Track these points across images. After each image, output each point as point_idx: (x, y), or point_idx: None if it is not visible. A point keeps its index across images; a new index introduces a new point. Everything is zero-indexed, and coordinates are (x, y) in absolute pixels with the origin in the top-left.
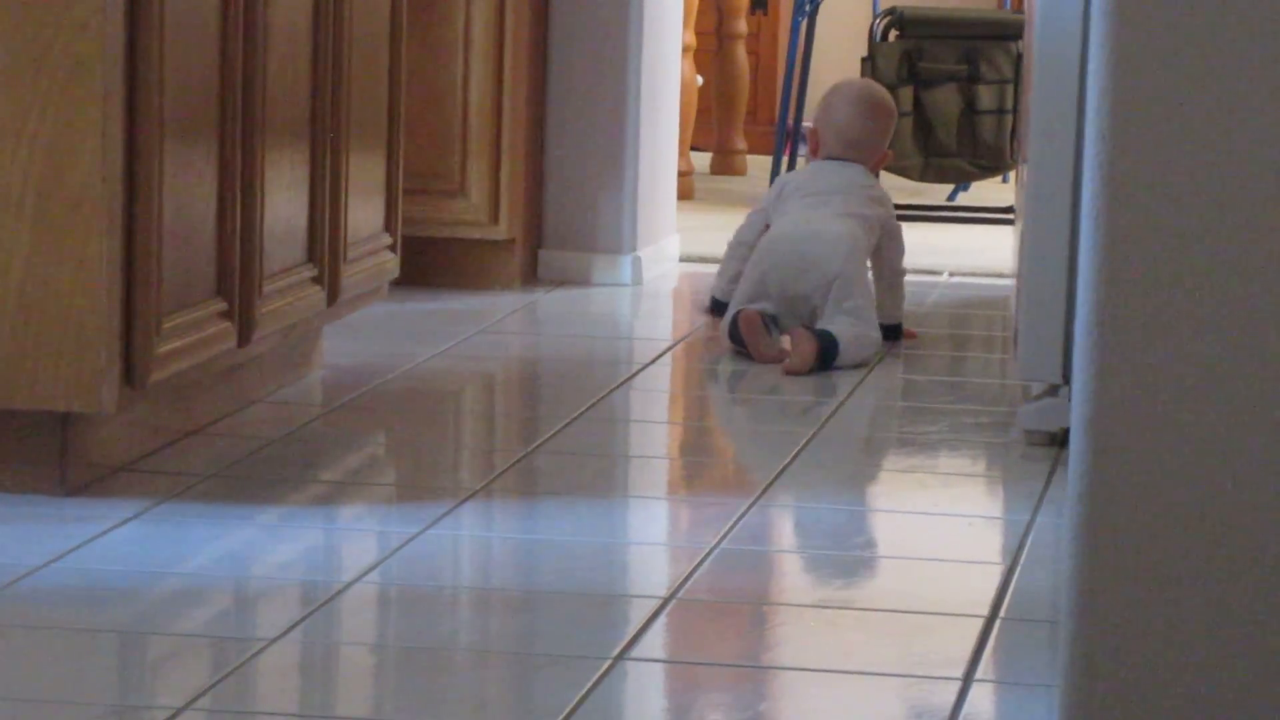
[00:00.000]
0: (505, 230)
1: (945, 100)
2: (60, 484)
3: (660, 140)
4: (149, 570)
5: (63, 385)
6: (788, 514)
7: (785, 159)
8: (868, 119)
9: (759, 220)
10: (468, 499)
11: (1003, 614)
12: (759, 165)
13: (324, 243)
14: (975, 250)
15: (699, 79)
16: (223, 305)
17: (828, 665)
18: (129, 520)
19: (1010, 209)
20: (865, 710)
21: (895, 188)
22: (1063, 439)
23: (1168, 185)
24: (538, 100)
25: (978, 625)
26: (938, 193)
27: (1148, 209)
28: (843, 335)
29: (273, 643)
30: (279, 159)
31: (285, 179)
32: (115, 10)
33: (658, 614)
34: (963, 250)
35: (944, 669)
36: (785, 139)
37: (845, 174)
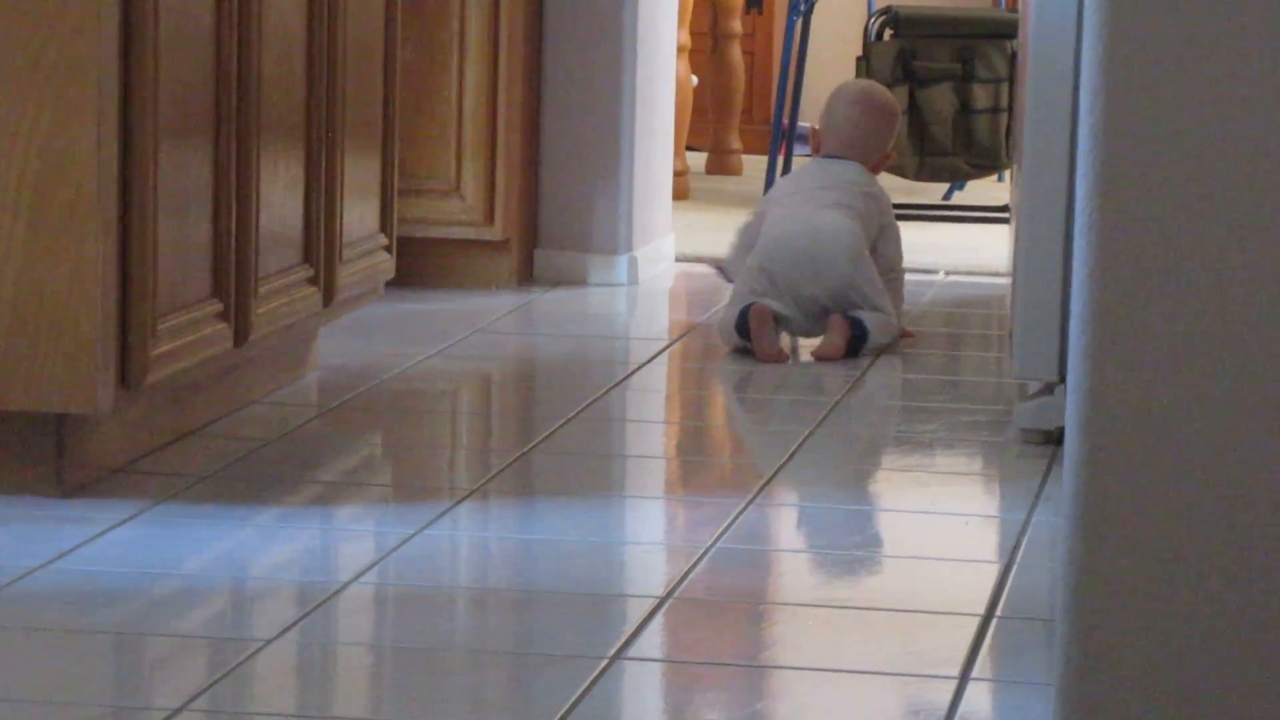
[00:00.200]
0: (501, 230)
1: (940, 99)
2: (57, 485)
3: (655, 140)
4: (146, 571)
5: (59, 386)
6: (784, 513)
7: (781, 158)
8: (865, 118)
9: (756, 219)
10: (464, 499)
11: (999, 612)
12: (754, 165)
13: (319, 243)
14: (971, 249)
15: (694, 79)
16: (218, 306)
17: (824, 664)
18: (125, 521)
19: (1005, 208)
20: (862, 709)
21: (891, 187)
22: (1059, 437)
23: (1161, 183)
24: (532, 100)
25: (974, 624)
26: (933, 191)
27: (1141, 207)
28: (871, 322)
29: (269, 643)
30: (274, 160)
31: (280, 180)
32: (110, 13)
33: (654, 613)
34: (958, 249)
35: (940, 667)
36: (781, 138)
37: (841, 171)
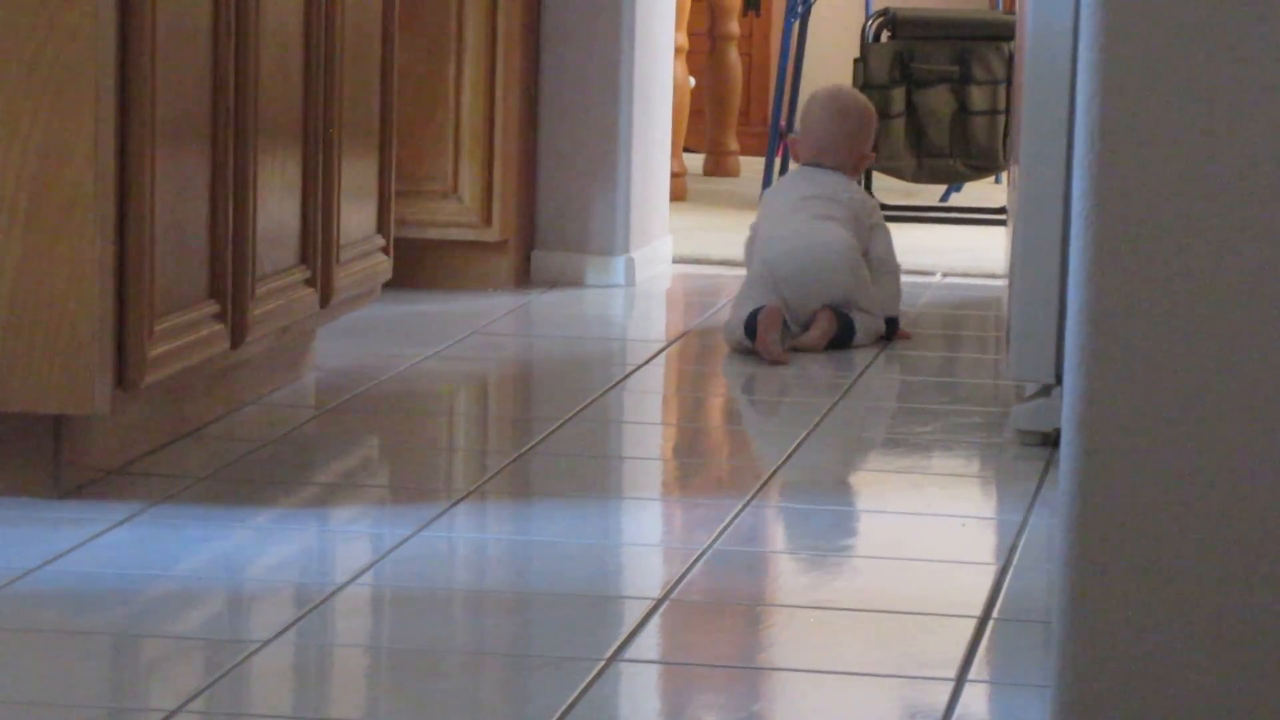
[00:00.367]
0: (498, 232)
1: (938, 101)
2: (54, 486)
3: (653, 141)
4: (143, 572)
5: (56, 388)
6: (781, 515)
7: (778, 160)
8: (835, 122)
9: (754, 236)
10: (461, 500)
11: (996, 614)
12: (752, 167)
13: (317, 245)
14: (968, 251)
15: (691, 80)
16: (215, 307)
17: (821, 666)
18: (123, 522)
19: (1003, 210)
20: (859, 710)
21: (888, 188)
22: (1056, 439)
23: (1158, 185)
24: (530, 102)
25: (971, 625)
26: (930, 193)
27: (1138, 209)
28: (860, 323)
29: (266, 645)
30: (271, 161)
31: (277, 181)
32: (107, 15)
33: (651, 615)
34: (955, 251)
35: (937, 669)
36: (778, 140)
37: (824, 179)
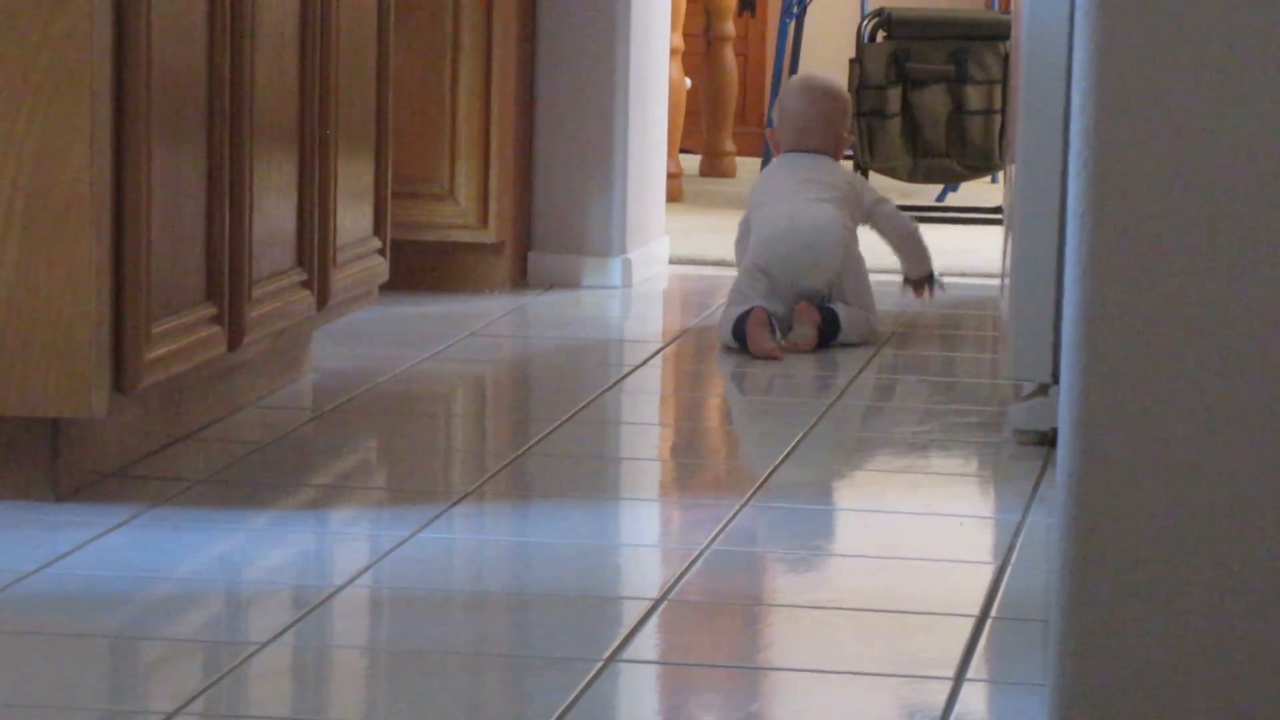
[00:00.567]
0: (494, 233)
1: (934, 101)
2: (51, 489)
3: (649, 142)
4: (140, 575)
5: (53, 391)
6: (779, 515)
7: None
8: (812, 105)
9: (745, 230)
10: (459, 502)
11: (994, 613)
12: (748, 167)
13: (313, 247)
14: (964, 250)
15: (687, 81)
16: (212, 310)
17: (819, 665)
18: (120, 525)
19: (999, 209)
20: (857, 710)
21: (884, 188)
22: (1053, 438)
23: (1153, 184)
24: (526, 103)
25: (969, 625)
26: (927, 193)
27: (1133, 207)
28: (845, 315)
29: (265, 647)
30: (267, 163)
31: (274, 183)
32: (103, 18)
33: (650, 615)
34: (952, 250)
35: (935, 668)
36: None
37: (811, 163)
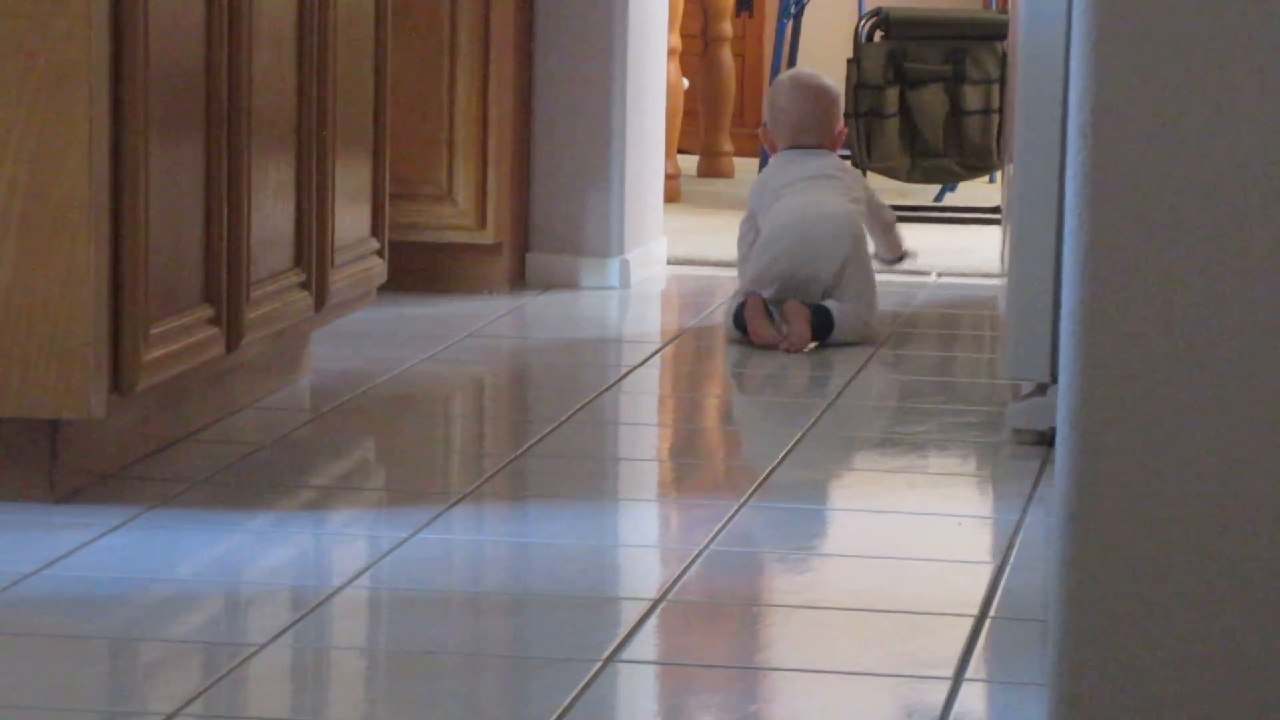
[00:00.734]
0: (492, 234)
1: (931, 101)
2: (49, 491)
3: (647, 143)
4: (139, 576)
5: (51, 392)
6: (777, 515)
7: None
8: (806, 102)
9: (750, 228)
10: (457, 503)
11: (993, 613)
12: (746, 167)
13: (311, 248)
14: (962, 250)
15: (685, 81)
16: (210, 311)
17: (818, 666)
18: (118, 527)
19: (997, 209)
20: (856, 710)
21: (882, 189)
22: (1051, 438)
23: (1150, 183)
24: (524, 104)
25: (968, 624)
26: (925, 193)
27: (1131, 207)
28: (838, 311)
29: (263, 648)
30: (265, 165)
31: (272, 185)
32: (100, 18)
33: (648, 616)
34: (950, 250)
35: (934, 668)
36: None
37: (813, 159)
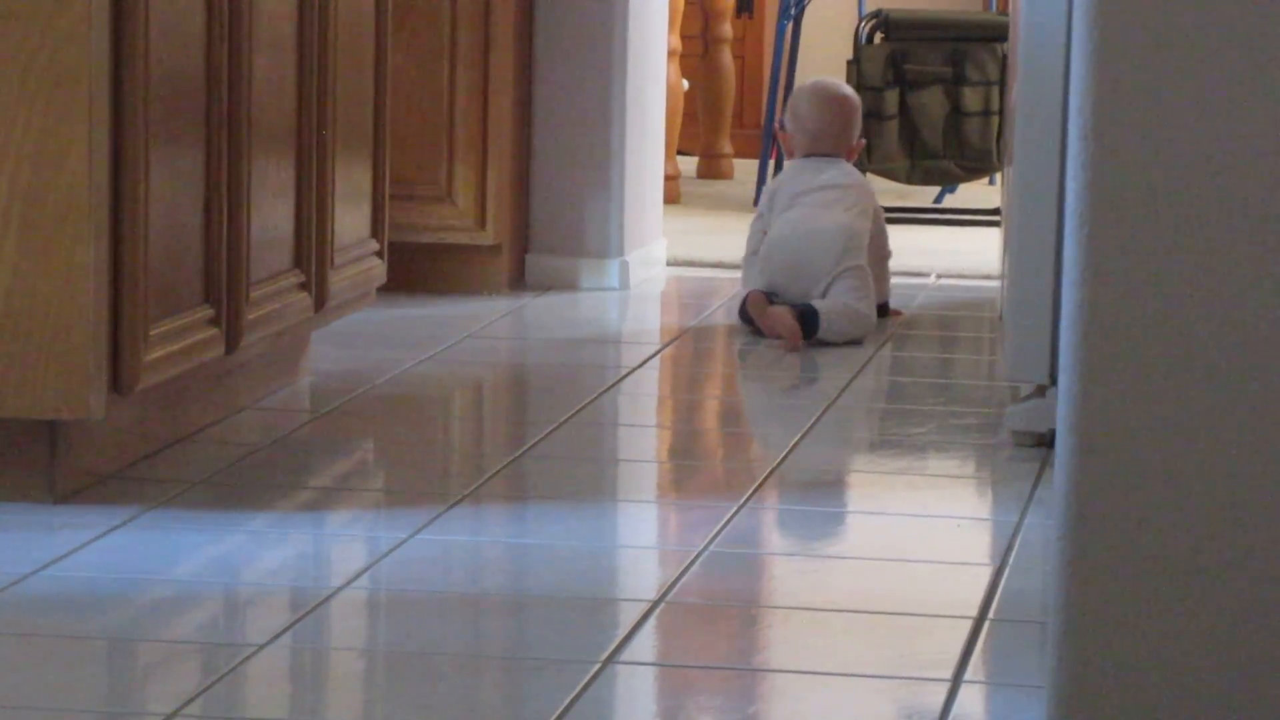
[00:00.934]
0: (492, 235)
1: (931, 102)
2: (49, 491)
3: (647, 144)
4: (138, 577)
5: (51, 393)
6: (776, 516)
7: (772, 162)
8: (826, 110)
9: (758, 228)
10: (456, 504)
11: (992, 615)
12: (746, 169)
13: (311, 249)
14: (962, 252)
15: (685, 83)
16: (210, 312)
17: (817, 667)
18: (118, 527)
19: (996, 211)
20: (855, 712)
21: (882, 190)
22: (1050, 440)
23: (1151, 186)
24: (524, 105)
25: (967, 626)
26: (924, 195)
27: (1131, 209)
28: (823, 307)
29: (262, 648)
30: (265, 166)
31: (271, 186)
32: (101, 20)
33: (647, 617)
34: (949, 252)
35: (933, 670)
36: (771, 142)
37: (825, 168)
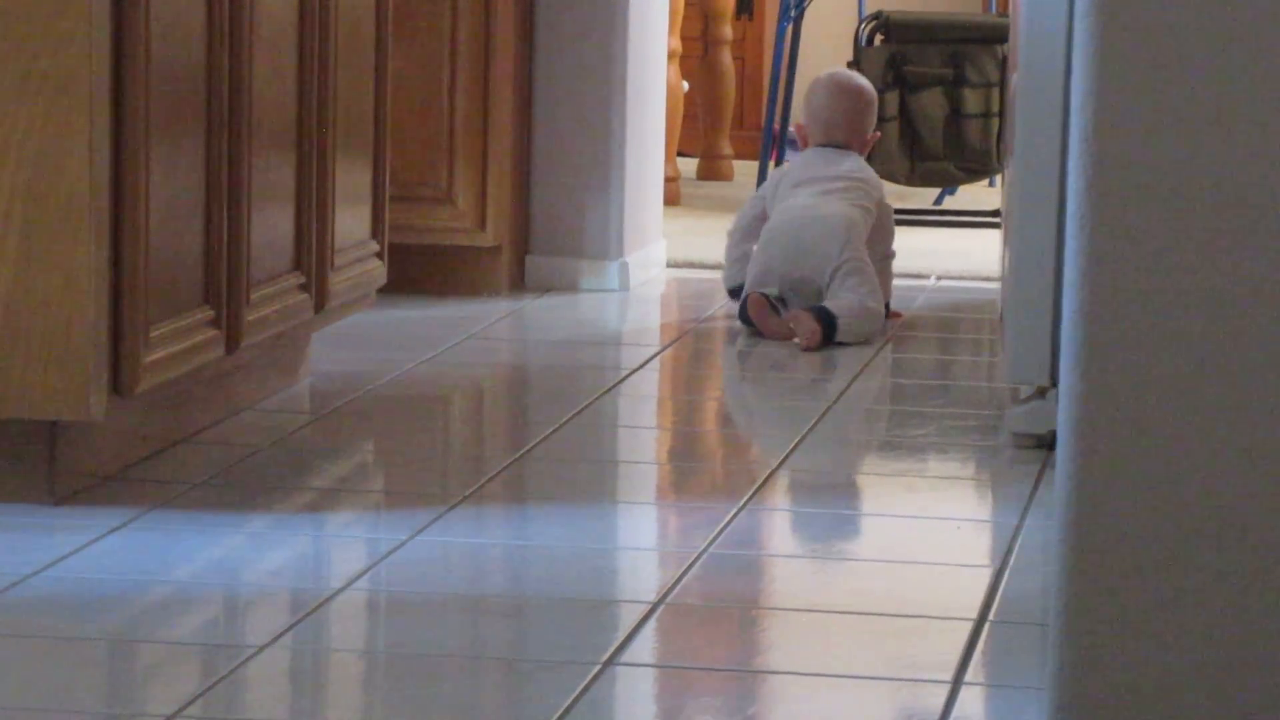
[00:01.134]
0: (492, 237)
1: (931, 104)
2: (49, 493)
3: (647, 146)
4: (138, 578)
5: (51, 394)
6: (776, 518)
7: (772, 163)
8: (839, 102)
9: (756, 205)
10: (456, 505)
11: (992, 617)
12: (745, 170)
13: (311, 250)
14: (962, 253)
15: (685, 85)
16: (210, 313)
17: (817, 669)
18: (118, 528)
19: (997, 212)
20: (855, 713)
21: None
22: (1051, 441)
23: (1152, 187)
24: (524, 107)
25: (967, 628)
26: (924, 196)
27: (1132, 211)
28: (840, 309)
29: (262, 650)
30: (265, 167)
31: (272, 187)
32: (101, 22)
33: (647, 619)
34: (950, 254)
35: (933, 672)
36: (772, 144)
37: (835, 160)
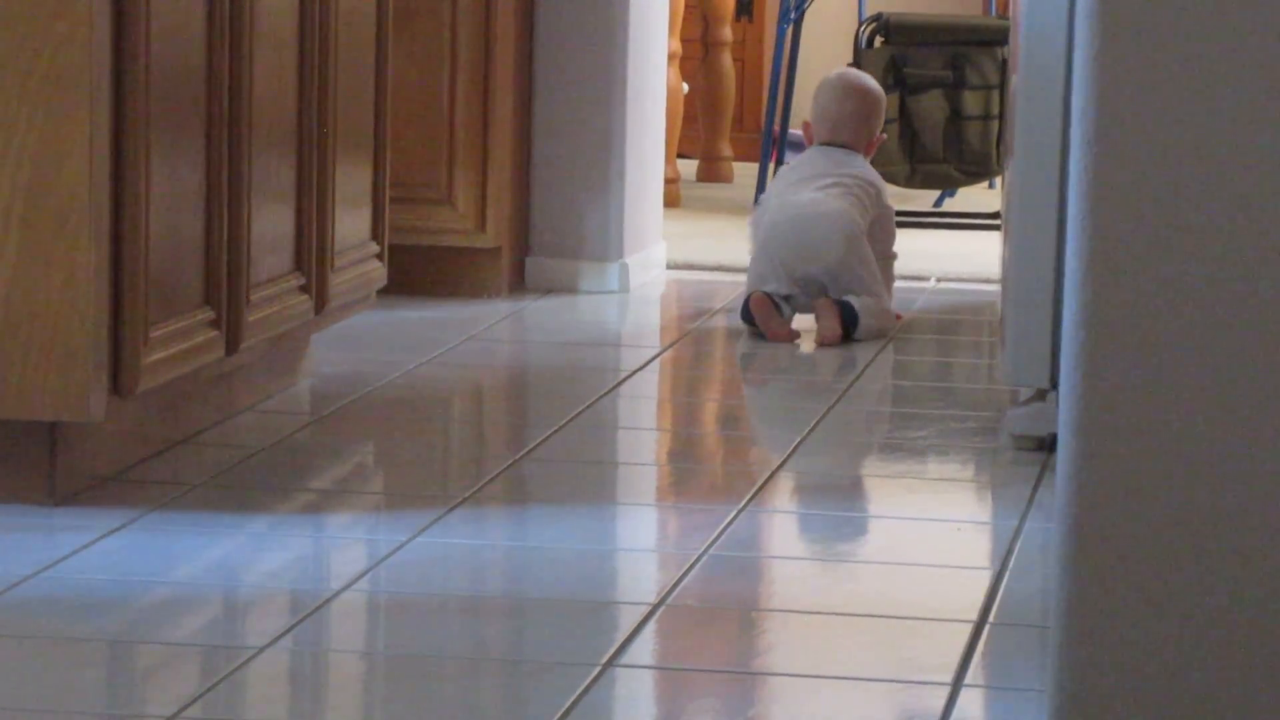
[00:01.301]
0: (492, 238)
1: (931, 106)
2: (48, 494)
3: (647, 148)
4: (138, 579)
5: (51, 395)
6: (776, 519)
7: (772, 165)
8: (846, 102)
9: (764, 207)
10: (456, 506)
11: (992, 619)
12: (745, 172)
13: (311, 251)
14: (962, 256)
15: (685, 86)
16: (210, 314)
17: (816, 671)
18: (117, 529)
19: (997, 214)
20: (855, 715)
21: None
22: (1051, 444)
23: (1153, 189)
24: (524, 108)
25: (967, 630)
26: (924, 199)
27: (1133, 213)
28: (863, 308)
29: (262, 651)
30: (266, 168)
31: (272, 187)
32: (101, 22)
33: (647, 620)
34: (950, 256)
35: (933, 674)
36: (772, 146)
37: (837, 158)
